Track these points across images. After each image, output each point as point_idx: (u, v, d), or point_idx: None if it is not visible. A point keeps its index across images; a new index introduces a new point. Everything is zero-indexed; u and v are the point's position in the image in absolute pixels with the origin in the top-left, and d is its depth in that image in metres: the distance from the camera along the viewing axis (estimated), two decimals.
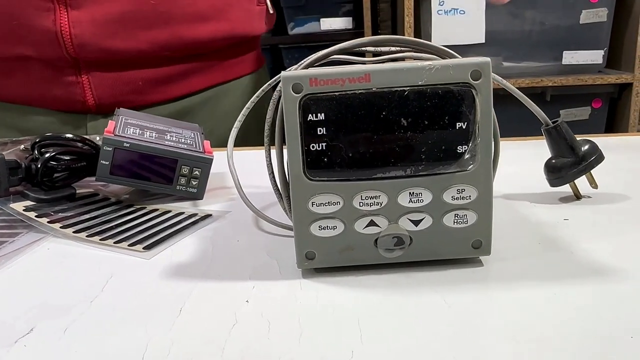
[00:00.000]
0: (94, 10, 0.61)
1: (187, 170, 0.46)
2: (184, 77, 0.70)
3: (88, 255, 0.36)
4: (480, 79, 0.29)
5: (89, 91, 0.65)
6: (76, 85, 0.65)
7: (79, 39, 0.61)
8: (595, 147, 0.40)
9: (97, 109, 0.67)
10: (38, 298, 0.31)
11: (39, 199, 0.44)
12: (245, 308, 0.28)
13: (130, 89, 0.67)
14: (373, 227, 0.30)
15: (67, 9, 0.60)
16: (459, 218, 0.30)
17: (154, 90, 0.68)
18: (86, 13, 0.61)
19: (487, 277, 0.30)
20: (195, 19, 0.66)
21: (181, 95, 0.71)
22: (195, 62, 0.70)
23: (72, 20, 0.60)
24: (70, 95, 0.66)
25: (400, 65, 0.29)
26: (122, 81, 0.66)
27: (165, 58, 0.67)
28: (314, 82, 0.29)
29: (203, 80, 0.72)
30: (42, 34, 0.61)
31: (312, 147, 0.29)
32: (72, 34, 0.60)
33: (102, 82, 0.65)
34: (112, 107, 0.67)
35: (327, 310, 0.28)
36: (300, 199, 0.30)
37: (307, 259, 0.31)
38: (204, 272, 0.33)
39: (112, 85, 0.66)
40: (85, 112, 0.67)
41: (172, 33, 0.65)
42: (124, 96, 0.67)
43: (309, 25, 1.83)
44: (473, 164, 0.29)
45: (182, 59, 0.69)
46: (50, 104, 0.68)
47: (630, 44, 1.49)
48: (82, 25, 0.61)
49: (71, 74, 0.64)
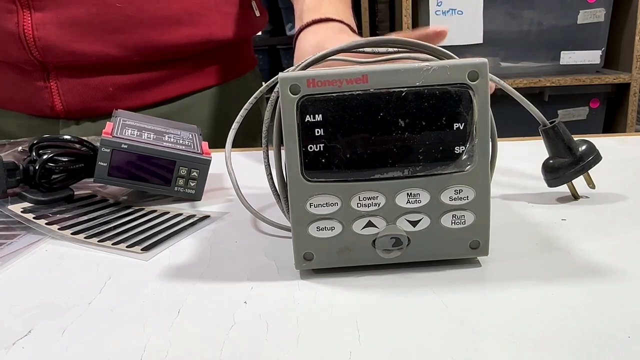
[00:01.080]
0: (59, 13, 0.60)
1: (185, 171, 0.46)
2: (159, 83, 0.68)
3: (86, 256, 0.36)
4: (477, 79, 0.29)
5: (57, 97, 0.64)
6: (44, 90, 0.64)
7: (43, 42, 0.60)
8: (592, 147, 0.41)
9: (66, 114, 0.66)
10: (36, 299, 0.31)
11: (37, 201, 0.44)
12: (243, 309, 0.29)
13: (101, 96, 0.66)
14: (371, 228, 0.30)
15: (30, 11, 0.59)
16: (457, 219, 0.30)
17: (126, 97, 0.67)
18: (50, 15, 0.60)
19: (485, 278, 0.31)
20: (168, 23, 0.65)
21: (156, 102, 0.69)
22: (171, 67, 0.68)
23: (36, 22, 0.60)
24: (39, 100, 0.65)
25: (397, 66, 0.29)
26: (91, 87, 0.65)
27: (138, 63, 0.66)
28: (312, 83, 0.29)
29: (180, 86, 0.70)
30: (5, 36, 0.60)
31: (310, 148, 0.29)
32: (35, 37, 0.60)
33: (71, 88, 0.64)
34: (81, 114, 0.66)
35: (325, 311, 0.28)
36: (298, 200, 0.30)
37: (306, 260, 0.31)
38: (202, 273, 0.33)
39: (81, 90, 0.65)
40: (55, 117, 0.67)
41: (142, 37, 0.64)
42: (94, 102, 0.66)
43: None
44: (470, 164, 0.29)
45: (156, 64, 0.67)
46: (20, 108, 0.68)
47: (628, 44, 1.49)
48: (46, 27, 0.60)
49: (39, 79, 0.64)
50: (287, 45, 1.84)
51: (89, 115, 0.67)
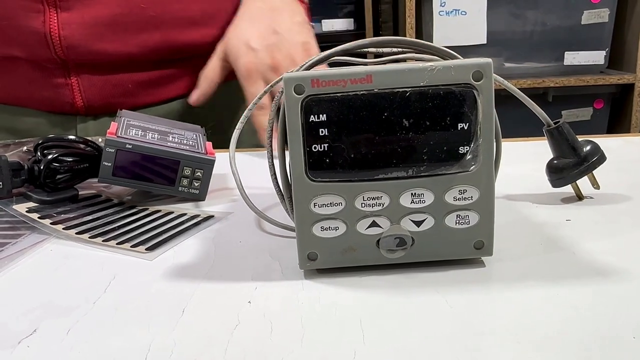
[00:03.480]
0: (84, 13, 0.61)
1: (189, 171, 0.46)
2: (175, 80, 0.70)
3: (91, 256, 0.37)
4: (482, 79, 0.29)
5: (78, 93, 0.65)
6: (65, 87, 0.65)
7: (68, 41, 0.61)
8: (597, 147, 0.40)
9: (85, 110, 0.67)
10: (41, 299, 0.31)
11: (41, 201, 0.44)
12: (247, 309, 0.29)
13: (120, 92, 0.67)
14: (375, 228, 0.30)
15: (57, 11, 0.60)
16: (461, 219, 0.30)
17: (144, 93, 0.68)
18: (76, 15, 0.61)
19: (489, 278, 0.30)
20: (187, 24, 0.66)
21: (172, 97, 0.71)
22: (186, 64, 0.70)
23: (62, 22, 0.60)
24: (59, 96, 0.66)
25: (402, 66, 0.29)
26: (111, 84, 0.66)
27: (155, 61, 0.67)
28: (316, 83, 0.29)
29: (195, 82, 0.72)
30: (31, 35, 0.61)
31: (314, 148, 0.29)
32: (61, 36, 0.60)
33: (91, 85, 0.65)
34: (101, 110, 0.67)
35: (329, 311, 0.28)
36: (302, 200, 0.30)
37: (309, 260, 0.31)
38: (206, 273, 0.33)
39: (102, 87, 0.66)
40: (74, 113, 0.68)
41: (162, 37, 0.65)
42: (114, 98, 0.67)
43: None
44: (475, 164, 0.29)
45: (172, 62, 0.68)
46: (39, 105, 0.68)
47: (632, 44, 1.49)
48: (72, 27, 0.61)
49: (60, 76, 0.64)
50: None
51: (108, 111, 0.68)
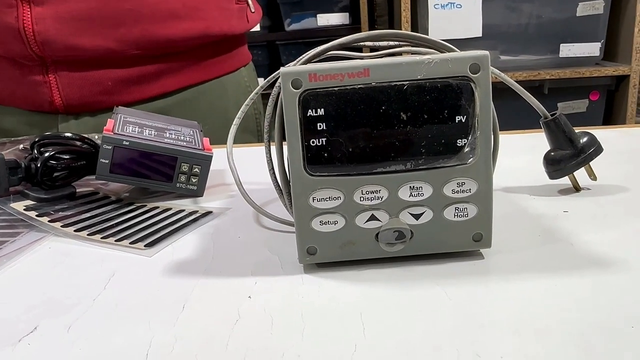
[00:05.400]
0: (58, 7, 0.60)
1: (187, 167, 0.46)
2: (157, 78, 0.68)
3: (89, 253, 0.37)
4: (479, 72, 0.29)
5: (57, 91, 0.65)
6: (43, 85, 0.64)
7: (43, 36, 0.60)
8: (593, 139, 0.41)
9: (65, 109, 0.66)
10: (41, 297, 0.31)
11: (39, 199, 0.44)
12: (247, 303, 0.29)
13: (99, 90, 0.66)
14: (374, 222, 0.30)
15: (30, 6, 0.59)
16: (460, 211, 0.30)
17: (124, 91, 0.67)
18: (50, 10, 0.60)
19: (488, 270, 0.31)
20: (167, 17, 0.65)
21: (154, 96, 0.69)
22: (169, 61, 0.68)
23: (35, 17, 0.60)
24: (38, 95, 0.65)
25: (399, 59, 0.29)
26: (90, 81, 0.65)
27: (136, 57, 0.66)
28: (313, 77, 0.29)
29: (178, 80, 0.70)
30: (5, 30, 0.60)
31: (312, 143, 0.29)
32: (35, 31, 0.60)
33: (69, 82, 0.65)
34: (80, 108, 0.67)
35: (329, 304, 0.28)
36: (301, 195, 0.30)
37: (309, 254, 0.31)
38: (205, 269, 0.33)
39: (80, 85, 0.65)
40: (54, 112, 0.67)
41: (142, 31, 0.64)
42: (93, 97, 0.66)
43: (306, 21, 1.83)
44: (473, 157, 0.30)
45: (154, 59, 0.67)
46: (19, 104, 0.68)
47: (627, 35, 1.49)
48: (46, 22, 0.60)
49: (38, 73, 0.64)
50: (285, 40, 1.83)
51: (88, 109, 0.68)
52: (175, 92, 0.71)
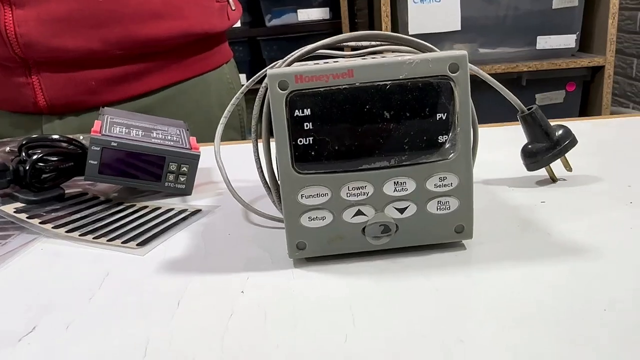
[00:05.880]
0: (40, 9, 0.60)
1: (175, 167, 0.47)
2: (140, 76, 0.69)
3: (82, 254, 0.37)
4: (458, 71, 0.30)
5: (40, 92, 0.65)
6: (26, 86, 0.64)
7: (25, 38, 0.60)
8: (568, 131, 0.42)
9: (49, 110, 0.66)
10: (37, 298, 0.31)
11: (28, 201, 0.45)
12: (241, 299, 0.30)
13: (83, 90, 0.66)
14: (360, 217, 0.32)
15: (11, 8, 0.59)
16: (442, 205, 0.32)
17: (108, 90, 0.68)
18: (31, 12, 0.60)
19: (470, 260, 0.32)
20: (149, 17, 0.65)
21: (138, 95, 0.70)
22: (151, 60, 0.69)
23: (17, 19, 0.60)
24: (22, 96, 0.65)
25: (381, 60, 0.30)
26: (74, 82, 0.65)
27: (119, 57, 0.66)
28: (300, 78, 0.30)
29: (161, 78, 0.71)
30: None
31: (300, 142, 0.30)
32: (17, 33, 0.60)
33: (53, 83, 0.65)
34: (64, 109, 0.67)
35: (320, 297, 0.29)
36: (289, 192, 0.31)
37: (298, 249, 0.32)
38: (198, 266, 0.34)
39: (64, 85, 0.65)
40: (38, 113, 0.67)
41: (124, 31, 0.64)
42: (77, 97, 0.66)
43: (286, 17, 1.83)
44: (454, 152, 0.31)
45: (137, 58, 0.68)
46: (2, 105, 0.68)
47: (602, 27, 1.52)
48: (28, 24, 0.60)
49: (21, 75, 0.64)
50: (266, 36, 1.83)
51: (72, 110, 0.68)
52: (159, 90, 0.72)
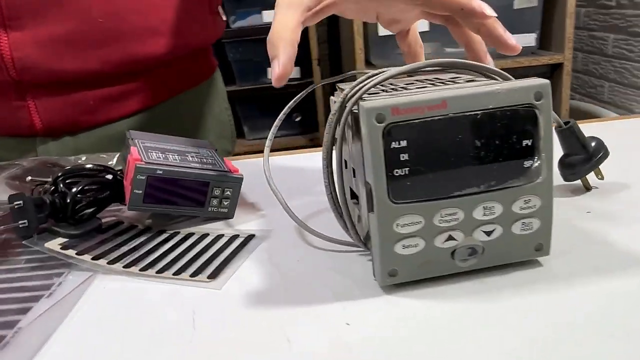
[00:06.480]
0: (37, 31, 0.57)
1: (219, 191, 0.46)
2: (137, 93, 0.67)
3: (152, 290, 0.36)
4: (542, 99, 0.31)
5: (36, 115, 0.62)
6: (22, 110, 0.61)
7: (23, 62, 0.58)
8: (601, 143, 0.45)
9: (45, 132, 0.64)
10: (131, 344, 0.30)
11: (71, 235, 0.43)
12: (348, 330, 0.30)
13: (81, 110, 0.64)
14: (451, 242, 0.33)
15: (6, 31, 0.56)
16: (525, 225, 0.33)
17: (106, 108, 0.66)
18: (28, 34, 0.57)
19: (553, 277, 0.34)
20: (148, 35, 0.64)
21: (137, 111, 0.68)
22: (150, 76, 0.67)
23: (13, 42, 0.57)
24: (16, 119, 0.62)
25: (472, 90, 0.31)
26: (72, 102, 0.63)
27: (118, 75, 0.64)
28: (396, 111, 0.30)
29: (159, 93, 0.70)
30: None
31: (396, 173, 0.31)
32: (14, 58, 0.57)
33: (50, 105, 0.62)
34: (62, 130, 0.65)
35: (424, 322, 0.30)
36: (385, 222, 0.32)
37: (390, 276, 0.33)
38: (287, 298, 0.34)
39: (62, 107, 0.63)
40: (33, 135, 0.64)
41: (123, 50, 0.62)
42: (75, 117, 0.64)
43: (251, 18, 1.81)
44: (538, 176, 0.32)
45: (135, 75, 0.66)
46: None
47: (560, 26, 1.60)
48: (25, 47, 0.57)
49: (16, 98, 0.61)
50: (231, 38, 1.81)
51: (69, 130, 0.65)
52: (156, 106, 0.70)
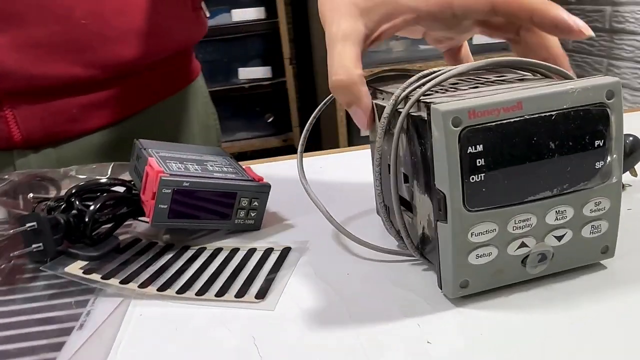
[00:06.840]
0: (17, 35, 0.53)
1: (246, 202, 0.43)
2: (124, 98, 0.63)
3: (197, 315, 0.33)
4: (613, 98, 0.30)
5: (15, 126, 0.57)
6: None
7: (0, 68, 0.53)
8: (637, 140, 0.45)
9: (24, 143, 0.59)
10: None
11: (90, 257, 0.39)
12: (432, 348, 0.28)
13: (64, 118, 0.59)
14: (523, 248, 0.31)
15: None
16: (594, 228, 0.32)
17: (91, 116, 0.61)
18: (7, 38, 0.53)
19: (623, 279, 0.33)
20: (133, 36, 0.60)
21: (122, 118, 0.64)
22: (134, 80, 0.63)
23: None
24: None
25: (547, 90, 0.30)
26: (53, 111, 0.58)
27: (102, 80, 0.60)
28: (473, 114, 0.28)
29: (145, 98, 0.66)
30: None
31: (472, 179, 0.29)
32: None
33: (30, 114, 0.57)
34: (43, 141, 0.60)
35: (502, 334, 0.28)
36: (460, 232, 0.30)
37: (461, 287, 0.31)
38: (350, 316, 0.32)
39: (42, 116, 0.58)
40: (11, 148, 0.60)
41: (108, 53, 0.58)
42: (57, 127, 0.59)
43: (220, 17, 1.77)
44: (609, 177, 0.31)
45: (120, 80, 0.62)
46: None
47: None
48: (2, 52, 0.53)
49: None
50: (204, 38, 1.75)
51: (50, 141, 0.60)
52: (142, 111, 0.66)
